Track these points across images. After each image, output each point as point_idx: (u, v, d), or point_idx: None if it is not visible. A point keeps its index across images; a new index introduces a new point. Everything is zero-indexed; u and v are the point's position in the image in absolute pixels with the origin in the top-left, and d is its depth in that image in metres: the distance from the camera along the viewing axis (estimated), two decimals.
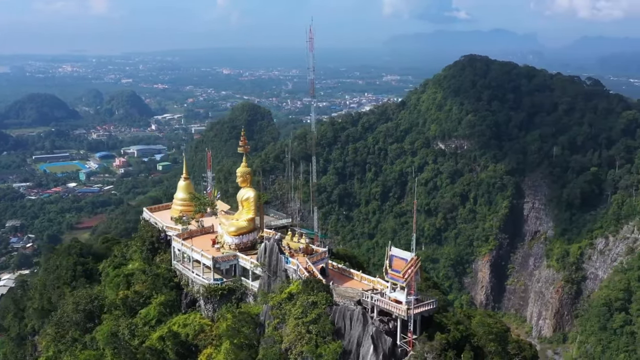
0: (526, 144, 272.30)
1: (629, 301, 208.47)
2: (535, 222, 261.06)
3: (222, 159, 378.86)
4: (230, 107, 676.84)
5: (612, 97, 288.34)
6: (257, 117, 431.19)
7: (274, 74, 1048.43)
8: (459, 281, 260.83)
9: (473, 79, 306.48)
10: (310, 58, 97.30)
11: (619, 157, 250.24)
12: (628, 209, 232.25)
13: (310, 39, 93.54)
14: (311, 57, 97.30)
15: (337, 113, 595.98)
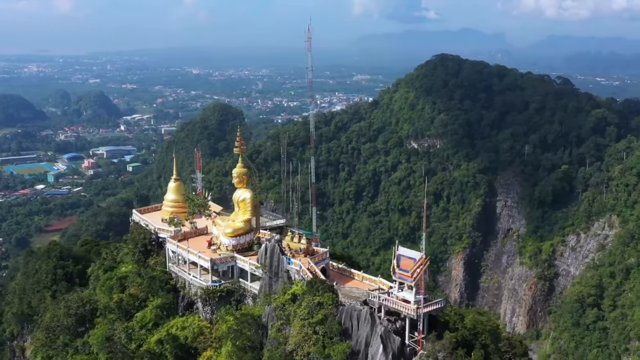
0: (498, 142, 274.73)
1: (601, 297, 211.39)
2: (508, 220, 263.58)
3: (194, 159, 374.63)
4: (200, 107, 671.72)
5: (581, 96, 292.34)
6: (228, 117, 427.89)
7: (244, 74, 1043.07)
8: (433, 279, 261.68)
9: (445, 78, 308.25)
10: (309, 58, 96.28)
11: (589, 155, 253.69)
12: (599, 206, 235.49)
13: (308, 39, 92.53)
14: (309, 57, 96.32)
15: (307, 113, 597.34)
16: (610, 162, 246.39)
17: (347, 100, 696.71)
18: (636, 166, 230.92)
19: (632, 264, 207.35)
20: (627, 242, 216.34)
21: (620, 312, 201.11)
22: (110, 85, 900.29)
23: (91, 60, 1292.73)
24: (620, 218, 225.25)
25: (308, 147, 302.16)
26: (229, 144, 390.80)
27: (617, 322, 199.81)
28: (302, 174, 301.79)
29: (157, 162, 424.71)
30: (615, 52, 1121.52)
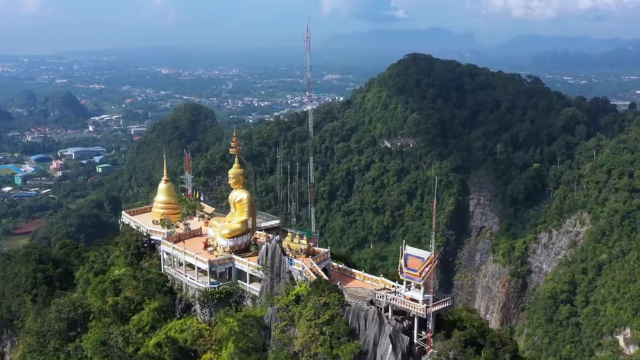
0: (470, 141, 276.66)
1: (574, 293, 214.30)
2: (481, 218, 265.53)
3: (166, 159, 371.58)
4: (170, 107, 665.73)
5: (551, 95, 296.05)
6: (200, 117, 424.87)
7: (214, 74, 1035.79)
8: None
9: (417, 77, 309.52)
10: (308, 57, 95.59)
11: (560, 153, 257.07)
12: (570, 204, 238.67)
13: (307, 39, 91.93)
14: (308, 57, 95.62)
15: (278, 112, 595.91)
16: (581, 159, 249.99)
17: (318, 100, 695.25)
18: (606, 164, 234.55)
19: (603, 261, 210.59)
20: (599, 238, 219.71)
21: (592, 308, 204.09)
22: (78, 85, 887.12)
23: (58, 60, 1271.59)
24: (591, 215, 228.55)
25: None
26: (200, 144, 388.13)
27: (590, 318, 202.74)
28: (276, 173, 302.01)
29: (128, 163, 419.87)
30: (582, 51, 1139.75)
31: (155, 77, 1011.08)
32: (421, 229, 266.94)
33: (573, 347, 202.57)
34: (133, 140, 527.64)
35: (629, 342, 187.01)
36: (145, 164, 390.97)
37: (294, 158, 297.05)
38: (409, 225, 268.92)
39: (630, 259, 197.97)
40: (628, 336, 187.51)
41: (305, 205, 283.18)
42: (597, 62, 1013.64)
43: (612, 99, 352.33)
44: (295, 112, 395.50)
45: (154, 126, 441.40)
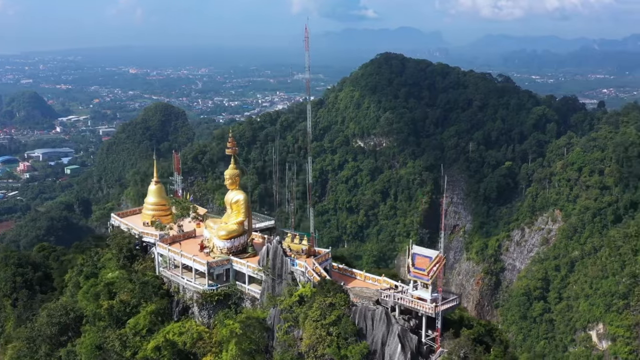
0: (443, 140, 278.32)
1: (547, 290, 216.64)
2: (454, 217, 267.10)
3: (137, 160, 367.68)
4: (139, 107, 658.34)
5: (522, 94, 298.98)
6: (170, 117, 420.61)
7: (183, 73, 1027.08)
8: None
9: (389, 76, 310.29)
10: (307, 57, 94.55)
11: (531, 152, 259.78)
12: (542, 201, 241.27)
13: (305, 38, 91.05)
14: (307, 57, 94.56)
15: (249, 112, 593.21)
16: (552, 157, 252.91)
17: (289, 99, 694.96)
18: (577, 161, 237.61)
19: (576, 257, 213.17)
20: (570, 235, 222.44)
21: (565, 304, 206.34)
22: (44, 85, 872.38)
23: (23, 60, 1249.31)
24: (563, 212, 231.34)
25: (254, 146, 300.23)
26: (171, 144, 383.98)
27: (563, 314, 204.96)
28: (250, 173, 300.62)
29: (97, 164, 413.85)
30: (549, 50, 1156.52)
31: (123, 77, 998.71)
32: (395, 228, 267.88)
33: (547, 343, 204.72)
34: (102, 141, 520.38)
35: (601, 338, 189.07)
36: (116, 165, 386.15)
37: (266, 158, 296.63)
38: (383, 225, 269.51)
39: (602, 255, 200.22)
40: (601, 331, 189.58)
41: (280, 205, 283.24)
42: (565, 61, 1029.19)
43: (580, 98, 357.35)
44: (267, 111, 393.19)
45: (124, 127, 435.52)
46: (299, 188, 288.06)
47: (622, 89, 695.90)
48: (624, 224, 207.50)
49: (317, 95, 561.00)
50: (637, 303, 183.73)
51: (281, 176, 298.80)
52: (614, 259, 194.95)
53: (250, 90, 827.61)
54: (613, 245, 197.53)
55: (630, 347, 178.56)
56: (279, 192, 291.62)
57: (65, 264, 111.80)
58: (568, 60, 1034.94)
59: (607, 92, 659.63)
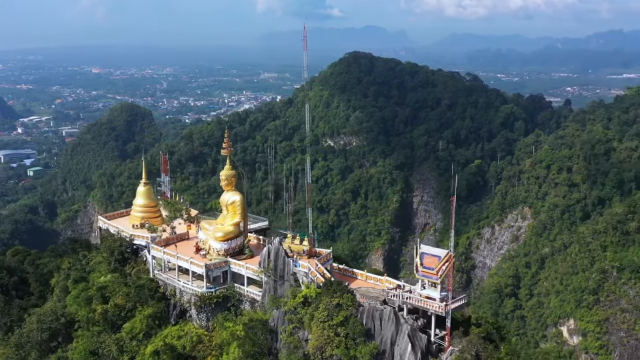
0: (413, 139, 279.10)
1: (518, 287, 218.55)
2: (425, 215, 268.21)
3: (102, 161, 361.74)
4: (103, 107, 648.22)
5: (490, 92, 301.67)
6: (137, 117, 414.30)
7: (147, 73, 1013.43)
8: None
9: (358, 75, 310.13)
10: (305, 57, 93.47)
11: (500, 150, 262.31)
12: (511, 199, 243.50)
13: (304, 38, 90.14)
14: (305, 57, 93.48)
15: (216, 112, 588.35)
16: (520, 155, 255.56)
17: (255, 98, 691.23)
18: (545, 159, 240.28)
19: (546, 254, 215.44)
20: (540, 232, 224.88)
21: (536, 301, 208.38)
22: (4, 85, 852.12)
23: None
24: (532, 210, 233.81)
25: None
26: (138, 145, 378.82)
27: (534, 311, 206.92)
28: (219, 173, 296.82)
29: (62, 165, 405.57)
30: (514, 49, 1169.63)
31: (85, 76, 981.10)
32: (366, 227, 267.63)
33: (519, 340, 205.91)
34: (65, 142, 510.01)
35: (572, 333, 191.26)
36: (81, 167, 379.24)
37: (235, 158, 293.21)
38: (354, 224, 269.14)
39: (572, 251, 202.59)
40: (572, 327, 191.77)
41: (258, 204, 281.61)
42: (529, 60, 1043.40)
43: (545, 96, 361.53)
44: (235, 111, 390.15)
45: (89, 127, 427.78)
46: (268, 188, 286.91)
47: (586, 87, 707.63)
48: (593, 220, 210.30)
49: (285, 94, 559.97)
50: (607, 298, 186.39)
51: (250, 176, 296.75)
52: (583, 255, 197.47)
53: (216, 90, 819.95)
54: (582, 242, 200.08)
55: (600, 342, 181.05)
56: (249, 192, 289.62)
57: (41, 268, 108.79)
58: (532, 59, 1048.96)
59: (571, 90, 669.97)
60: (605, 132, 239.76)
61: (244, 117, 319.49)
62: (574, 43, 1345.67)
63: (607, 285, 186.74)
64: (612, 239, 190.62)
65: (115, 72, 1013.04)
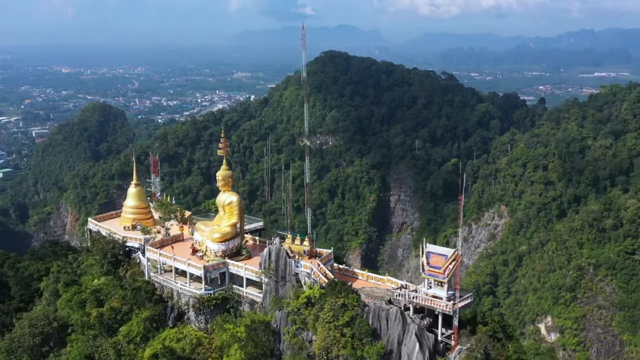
0: (389, 138, 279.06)
1: (495, 285, 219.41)
2: (402, 214, 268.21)
3: (74, 162, 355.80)
4: (73, 107, 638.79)
5: (466, 91, 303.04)
6: (109, 117, 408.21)
7: (119, 72, 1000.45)
8: None
9: (334, 75, 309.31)
10: (303, 56, 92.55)
11: (476, 148, 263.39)
12: (488, 197, 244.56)
13: (303, 37, 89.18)
14: (304, 56, 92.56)
15: (189, 112, 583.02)
16: (496, 154, 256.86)
17: (229, 98, 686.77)
18: (521, 157, 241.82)
19: (523, 252, 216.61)
20: (517, 230, 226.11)
21: (514, 299, 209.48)
22: None
23: None
24: (509, 208, 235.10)
25: (198, 146, 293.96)
26: (110, 145, 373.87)
27: (512, 308, 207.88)
28: (194, 174, 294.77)
29: (33, 167, 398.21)
30: (486, 48, 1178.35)
31: (55, 76, 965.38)
32: (343, 227, 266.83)
33: None
34: (36, 143, 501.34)
35: (550, 330, 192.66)
36: (52, 168, 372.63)
37: (211, 158, 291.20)
38: (331, 224, 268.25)
39: (549, 249, 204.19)
40: (549, 324, 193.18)
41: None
42: (501, 59, 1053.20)
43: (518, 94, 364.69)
44: (210, 111, 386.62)
45: (60, 128, 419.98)
46: (245, 189, 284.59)
47: (558, 86, 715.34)
48: (569, 218, 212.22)
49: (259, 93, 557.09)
50: (584, 295, 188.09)
51: None
52: (560, 253, 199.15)
53: (189, 90, 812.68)
54: (559, 239, 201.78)
55: (577, 339, 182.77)
56: None
57: (22, 271, 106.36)
58: (505, 58, 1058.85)
59: (543, 89, 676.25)
60: (580, 131, 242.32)
61: (219, 117, 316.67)
62: (546, 42, 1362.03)
63: (584, 282, 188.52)
64: (589, 236, 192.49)
65: (85, 71, 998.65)
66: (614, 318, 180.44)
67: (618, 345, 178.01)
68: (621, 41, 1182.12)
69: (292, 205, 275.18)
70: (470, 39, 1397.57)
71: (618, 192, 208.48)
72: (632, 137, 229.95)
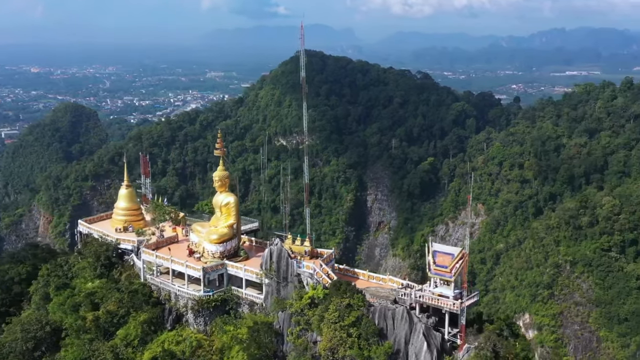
0: (366, 137, 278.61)
1: (473, 283, 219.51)
2: (379, 213, 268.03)
3: (46, 164, 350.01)
4: (43, 108, 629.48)
5: (441, 90, 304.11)
6: (82, 118, 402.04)
7: (89, 72, 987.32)
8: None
9: (310, 74, 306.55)
10: (302, 56, 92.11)
11: (452, 147, 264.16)
12: (464, 196, 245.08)
13: (301, 36, 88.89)
14: (302, 55, 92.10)
15: (162, 112, 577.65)
16: (472, 153, 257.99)
17: (202, 98, 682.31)
18: (497, 156, 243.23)
19: (500, 250, 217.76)
20: (494, 228, 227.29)
21: (492, 297, 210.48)
22: None
23: None
24: (486, 206, 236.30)
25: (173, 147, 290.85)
26: (83, 146, 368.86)
27: (490, 306, 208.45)
28: (169, 175, 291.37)
29: (3, 169, 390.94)
30: (459, 47, 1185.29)
31: (24, 76, 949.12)
32: (321, 227, 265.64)
33: None
34: (5, 144, 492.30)
35: (528, 327, 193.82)
36: (23, 170, 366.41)
37: (186, 159, 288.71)
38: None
39: (526, 247, 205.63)
40: (527, 321, 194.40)
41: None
42: (474, 58, 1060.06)
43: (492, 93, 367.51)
44: (184, 111, 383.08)
45: (31, 128, 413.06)
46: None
47: (530, 85, 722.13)
48: (545, 215, 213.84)
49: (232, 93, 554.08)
50: (561, 292, 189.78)
51: (201, 177, 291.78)
52: (537, 251, 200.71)
53: (162, 89, 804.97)
54: (536, 237, 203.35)
55: (555, 335, 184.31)
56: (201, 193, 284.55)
57: (1, 274, 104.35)
58: (477, 57, 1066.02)
59: (516, 87, 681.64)
60: (555, 129, 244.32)
61: (194, 116, 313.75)
62: (518, 41, 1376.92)
63: (561, 279, 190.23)
64: (565, 233, 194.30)
65: (55, 71, 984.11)
66: (591, 314, 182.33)
67: (595, 341, 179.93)
68: (592, 40, 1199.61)
69: (269, 205, 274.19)
70: (443, 38, 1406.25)
71: (593, 190, 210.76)
72: (606, 135, 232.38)
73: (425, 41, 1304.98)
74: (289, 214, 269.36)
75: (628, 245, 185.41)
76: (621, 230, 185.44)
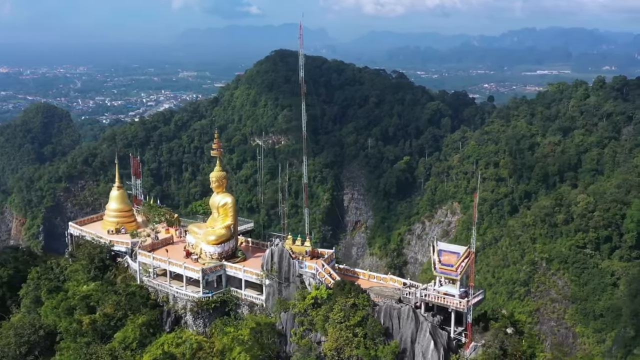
0: (342, 136, 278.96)
1: None
2: (356, 213, 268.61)
3: (18, 165, 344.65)
4: (13, 108, 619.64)
5: (416, 89, 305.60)
6: (54, 118, 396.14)
7: (60, 72, 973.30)
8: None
9: (285, 74, 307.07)
10: (301, 55, 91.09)
11: (428, 146, 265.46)
12: (441, 194, 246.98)
13: (300, 36, 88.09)
14: (301, 55, 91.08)
15: (134, 112, 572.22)
16: (448, 151, 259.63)
17: (175, 98, 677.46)
18: (472, 155, 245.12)
19: (477, 248, 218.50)
20: (470, 227, 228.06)
21: None
22: None
23: None
24: (461, 205, 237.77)
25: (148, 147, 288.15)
26: (55, 147, 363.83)
27: None
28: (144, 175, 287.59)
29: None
30: (432, 46, 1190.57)
31: None
32: (297, 227, 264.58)
33: None
34: None
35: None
36: None
37: (161, 159, 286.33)
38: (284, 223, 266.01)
39: (503, 244, 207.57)
40: None
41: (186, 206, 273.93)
42: (446, 57, 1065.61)
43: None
44: (159, 111, 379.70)
45: (1, 129, 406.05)
46: (197, 189, 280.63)
47: (502, 84, 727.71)
48: (521, 213, 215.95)
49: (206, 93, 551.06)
50: (537, 289, 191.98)
51: (176, 177, 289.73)
52: (514, 248, 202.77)
53: (134, 89, 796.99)
54: (512, 235, 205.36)
55: (532, 332, 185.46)
56: (177, 194, 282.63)
57: None
58: (449, 56, 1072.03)
59: (488, 87, 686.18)
60: (529, 128, 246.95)
61: (169, 116, 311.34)
62: (490, 41, 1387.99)
63: (537, 276, 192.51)
64: (541, 231, 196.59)
65: (25, 71, 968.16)
66: (567, 311, 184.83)
67: (571, 337, 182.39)
68: (562, 40, 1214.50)
69: (245, 206, 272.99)
70: (416, 37, 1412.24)
71: (567, 188, 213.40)
72: (580, 133, 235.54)
73: (398, 40, 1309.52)
74: (266, 214, 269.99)
75: (603, 242, 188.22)
76: (596, 227, 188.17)
